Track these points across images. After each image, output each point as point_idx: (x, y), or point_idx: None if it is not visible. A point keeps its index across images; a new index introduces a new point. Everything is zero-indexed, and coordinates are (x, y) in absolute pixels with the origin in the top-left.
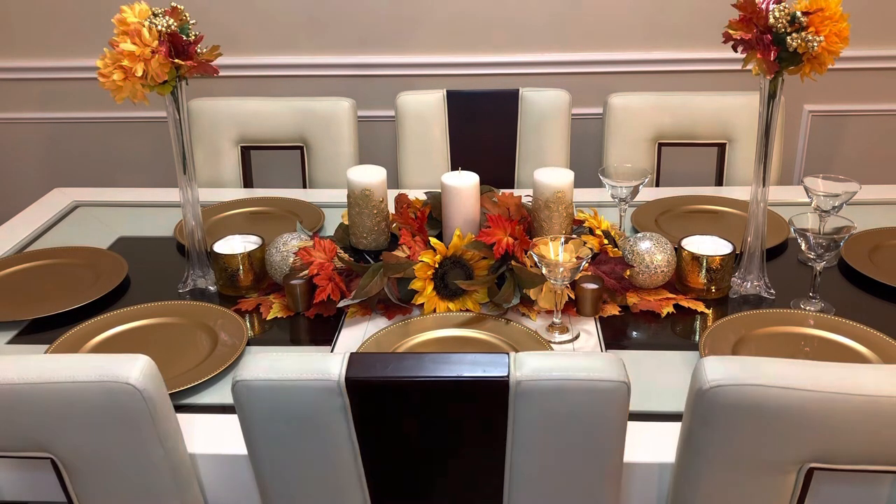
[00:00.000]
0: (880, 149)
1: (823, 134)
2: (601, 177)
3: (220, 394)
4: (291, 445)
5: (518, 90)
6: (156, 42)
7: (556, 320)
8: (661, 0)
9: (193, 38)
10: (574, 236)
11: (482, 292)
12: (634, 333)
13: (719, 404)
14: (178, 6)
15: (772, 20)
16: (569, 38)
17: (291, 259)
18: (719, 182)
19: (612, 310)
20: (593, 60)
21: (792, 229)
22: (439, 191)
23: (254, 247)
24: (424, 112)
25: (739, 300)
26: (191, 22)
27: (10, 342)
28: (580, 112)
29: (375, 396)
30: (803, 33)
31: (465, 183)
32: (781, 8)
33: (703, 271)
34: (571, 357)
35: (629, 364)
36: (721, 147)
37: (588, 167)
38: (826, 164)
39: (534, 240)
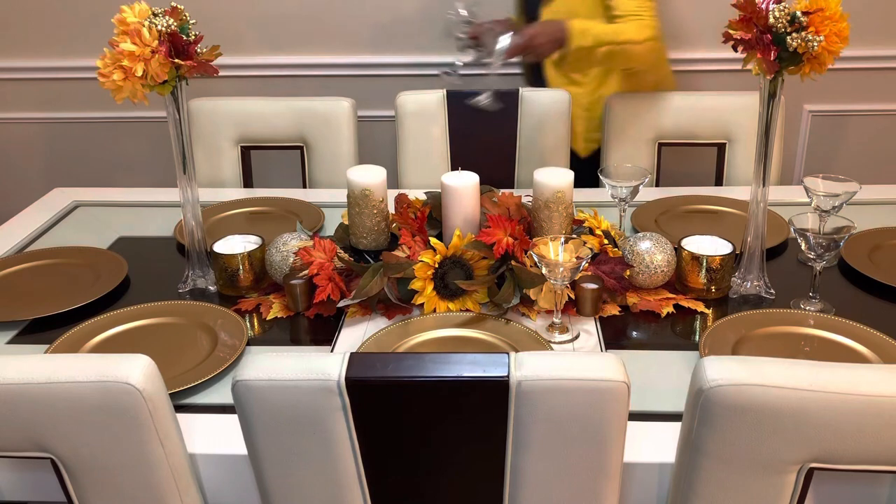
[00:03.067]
0: (880, 149)
1: (823, 134)
2: (601, 177)
3: (220, 394)
4: (291, 445)
5: (518, 90)
6: (156, 42)
7: (556, 320)
8: (661, 0)
9: (193, 38)
10: (574, 236)
11: (482, 292)
12: (634, 333)
13: (719, 404)
14: (178, 6)
15: (772, 20)
16: None
17: (291, 259)
18: (719, 182)
19: (612, 310)
20: None
21: (792, 229)
22: (439, 191)
23: (254, 247)
24: (424, 112)
25: (739, 300)
26: (191, 22)
27: (10, 342)
28: None
29: (375, 396)
30: (803, 33)
31: (465, 183)
32: (781, 8)
33: (703, 271)
34: (571, 357)
35: (629, 364)
36: (721, 147)
37: None
38: (826, 164)
39: (534, 240)
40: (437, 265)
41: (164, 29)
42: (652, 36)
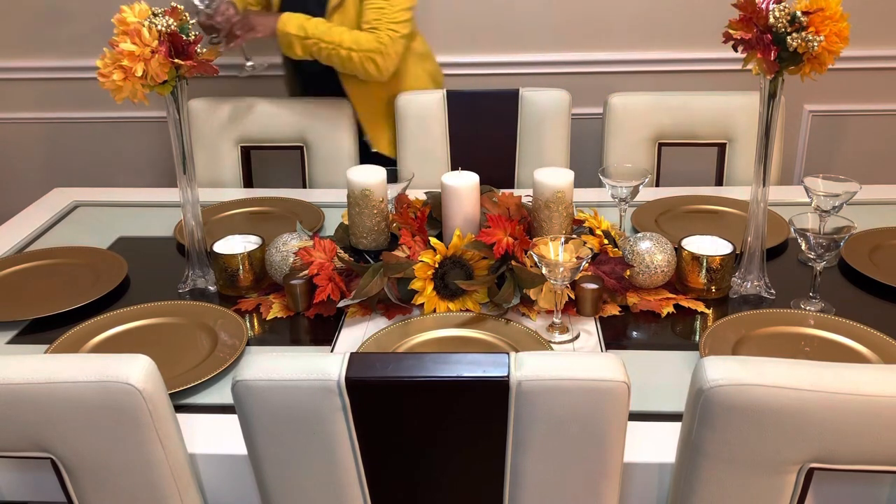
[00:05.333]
0: (880, 149)
1: (823, 134)
2: (601, 177)
3: (220, 394)
4: (291, 445)
5: (518, 90)
6: (156, 42)
7: (556, 320)
8: (661, 0)
9: (193, 38)
10: (574, 236)
11: (482, 292)
12: (634, 333)
13: (719, 404)
14: (178, 6)
15: (772, 20)
16: (569, 38)
17: (291, 259)
18: (719, 182)
19: (612, 310)
20: (593, 60)
21: (792, 229)
22: (439, 191)
23: (254, 247)
24: (424, 112)
25: (739, 300)
26: (191, 22)
27: (10, 342)
28: (580, 112)
29: (375, 396)
30: (803, 33)
31: (465, 183)
32: (781, 8)
33: (703, 271)
34: (571, 357)
35: (629, 364)
36: (721, 147)
37: (588, 167)
38: (826, 164)
39: (534, 240)
40: (437, 265)
41: (164, 29)
42: (374, 49)
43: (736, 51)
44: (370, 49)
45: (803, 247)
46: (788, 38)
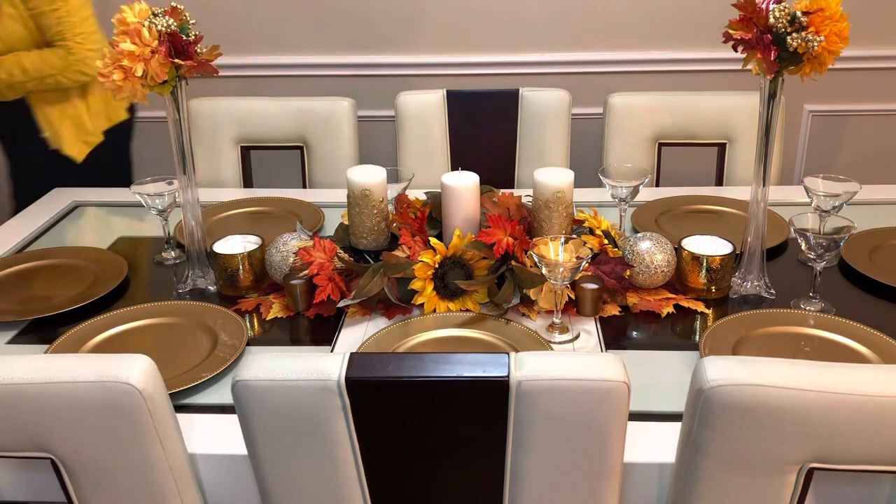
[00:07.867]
0: (880, 149)
1: (823, 134)
2: (601, 177)
3: (220, 394)
4: (291, 445)
5: (518, 90)
6: (156, 42)
7: (556, 320)
8: (661, 0)
9: (193, 37)
10: (574, 236)
11: (482, 292)
12: (634, 333)
13: (719, 404)
14: (178, 6)
15: (772, 20)
16: (569, 38)
17: (291, 259)
18: (719, 182)
19: (612, 310)
20: (593, 60)
21: (792, 229)
22: (439, 191)
23: (254, 247)
24: (424, 112)
25: (739, 300)
26: (191, 22)
27: (10, 342)
28: (580, 112)
29: (375, 396)
30: (803, 33)
31: (465, 183)
32: (781, 8)
33: (703, 271)
34: (571, 357)
35: (629, 364)
36: (721, 147)
37: (588, 167)
38: (826, 164)
39: (534, 240)
40: (437, 265)
41: (164, 29)
42: (68, 64)
43: (736, 51)
44: (65, 66)
45: (803, 247)
46: (788, 38)
